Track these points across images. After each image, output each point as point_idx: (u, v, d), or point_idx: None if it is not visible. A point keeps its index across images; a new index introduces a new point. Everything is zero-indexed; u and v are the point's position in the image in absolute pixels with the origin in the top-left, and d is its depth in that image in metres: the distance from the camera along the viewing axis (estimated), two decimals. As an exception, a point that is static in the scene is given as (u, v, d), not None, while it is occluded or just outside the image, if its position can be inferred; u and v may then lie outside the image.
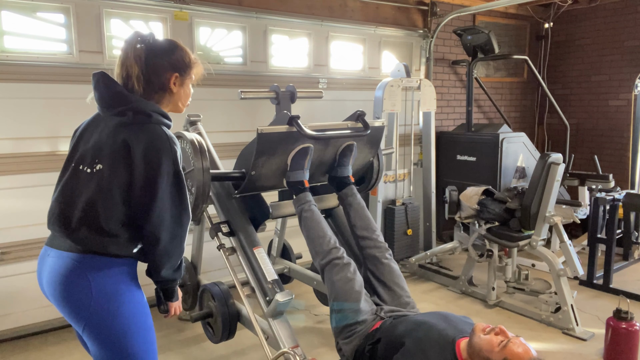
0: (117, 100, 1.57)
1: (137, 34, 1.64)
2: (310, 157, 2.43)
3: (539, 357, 1.59)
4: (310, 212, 2.35)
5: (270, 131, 2.29)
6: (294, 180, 2.43)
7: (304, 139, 2.38)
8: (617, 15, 5.50)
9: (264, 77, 4.04)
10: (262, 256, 2.39)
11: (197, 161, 2.30)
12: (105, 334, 1.54)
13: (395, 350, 1.84)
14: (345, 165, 2.59)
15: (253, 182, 2.43)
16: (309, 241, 2.31)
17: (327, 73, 4.42)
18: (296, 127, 2.31)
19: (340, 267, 2.17)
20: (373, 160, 2.87)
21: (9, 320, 3.17)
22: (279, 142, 2.34)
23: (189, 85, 1.75)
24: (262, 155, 2.33)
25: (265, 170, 2.40)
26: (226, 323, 2.50)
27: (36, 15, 3.08)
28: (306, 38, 4.28)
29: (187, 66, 1.71)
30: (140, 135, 1.54)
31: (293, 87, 2.99)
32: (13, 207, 3.10)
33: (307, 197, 2.40)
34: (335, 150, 2.56)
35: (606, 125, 5.69)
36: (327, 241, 2.25)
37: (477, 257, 3.72)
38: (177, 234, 1.61)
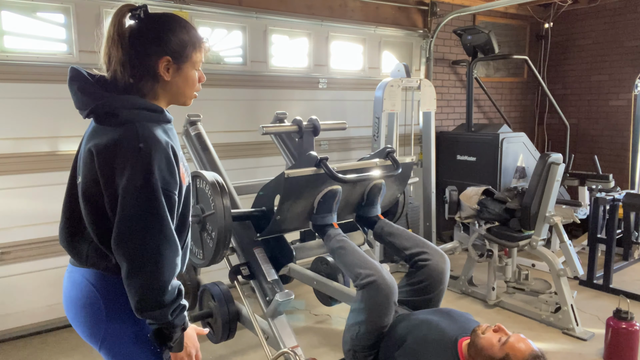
0: (81, 101, 1.31)
1: (125, 7, 1.31)
2: (338, 199, 2.33)
3: (540, 352, 1.59)
4: (345, 242, 2.23)
5: (297, 174, 2.16)
6: (322, 224, 2.33)
7: (331, 181, 2.26)
8: (617, 15, 5.50)
9: (264, 77, 4.05)
10: (262, 256, 2.39)
11: (217, 203, 2.18)
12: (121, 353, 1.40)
13: (396, 348, 1.84)
14: (374, 205, 2.49)
15: (277, 225, 2.32)
16: (349, 266, 2.15)
17: (327, 73, 4.42)
18: (325, 171, 2.19)
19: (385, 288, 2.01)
20: (399, 195, 2.78)
21: (9, 320, 3.17)
22: (306, 185, 2.22)
23: (191, 72, 1.39)
24: (288, 199, 2.21)
25: (290, 213, 2.29)
26: (226, 323, 2.50)
27: (36, 15, 3.08)
28: (306, 38, 4.28)
29: (183, 46, 1.34)
30: (103, 142, 1.26)
31: (316, 120, 2.86)
32: (13, 207, 3.09)
33: (337, 231, 2.31)
34: (363, 189, 2.46)
35: (606, 125, 5.70)
36: (370, 261, 2.11)
37: (477, 257, 3.72)
38: (146, 265, 1.25)
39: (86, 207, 1.32)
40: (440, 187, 4.69)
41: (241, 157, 3.95)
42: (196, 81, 1.43)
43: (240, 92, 3.93)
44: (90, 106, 1.28)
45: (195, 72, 1.41)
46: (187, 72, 1.38)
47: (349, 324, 2.05)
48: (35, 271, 3.20)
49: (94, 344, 1.41)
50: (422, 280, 2.20)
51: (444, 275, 2.21)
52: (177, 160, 1.33)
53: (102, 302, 1.36)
